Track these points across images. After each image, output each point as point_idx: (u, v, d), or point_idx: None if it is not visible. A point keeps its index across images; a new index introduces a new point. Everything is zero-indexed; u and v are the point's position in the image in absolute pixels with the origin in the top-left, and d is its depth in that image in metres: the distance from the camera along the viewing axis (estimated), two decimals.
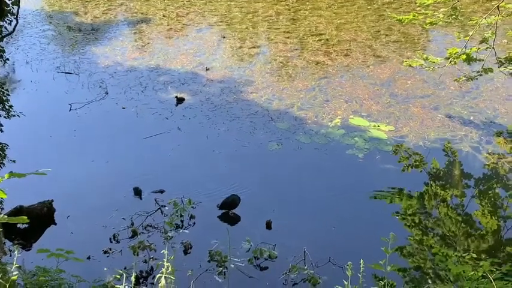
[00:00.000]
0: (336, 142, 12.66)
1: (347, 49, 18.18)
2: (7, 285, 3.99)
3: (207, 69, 16.30)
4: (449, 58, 12.70)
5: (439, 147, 12.58)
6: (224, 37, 19.48)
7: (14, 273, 4.22)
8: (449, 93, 15.13)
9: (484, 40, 12.36)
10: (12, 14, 12.82)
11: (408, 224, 10.04)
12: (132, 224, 9.62)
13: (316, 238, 9.48)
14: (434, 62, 12.99)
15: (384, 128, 13.24)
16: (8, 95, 12.15)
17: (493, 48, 12.05)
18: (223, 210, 10.11)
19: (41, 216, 9.58)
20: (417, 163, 12.00)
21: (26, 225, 9.48)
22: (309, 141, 12.72)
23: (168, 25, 21.18)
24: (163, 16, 22.30)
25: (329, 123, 13.48)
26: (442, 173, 11.80)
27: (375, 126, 13.32)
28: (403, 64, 14.99)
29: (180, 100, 14.56)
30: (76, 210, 10.02)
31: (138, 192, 10.55)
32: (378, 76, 16.18)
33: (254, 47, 18.62)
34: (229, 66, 16.95)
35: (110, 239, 9.30)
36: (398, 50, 18.20)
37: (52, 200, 9.83)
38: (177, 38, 19.78)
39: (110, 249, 9.03)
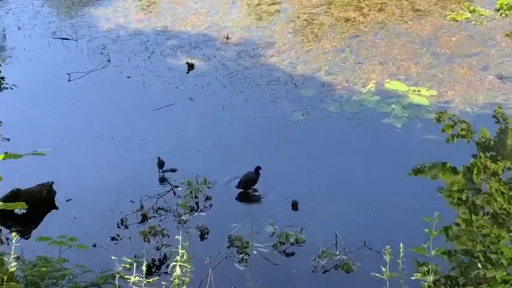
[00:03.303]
0: (370, 110, 12.57)
1: (381, 3, 17.89)
2: (5, 277, 4.06)
3: (227, 38, 15.98)
4: (499, 10, 12.44)
5: (489, 113, 12.41)
6: None
7: (12, 264, 4.30)
8: (500, 50, 14.84)
9: None
10: None
11: (454, 202, 9.98)
12: (142, 207, 9.71)
13: (349, 219, 9.49)
14: (482, 15, 12.75)
15: (425, 93, 13.08)
16: None
17: None
18: (242, 190, 10.15)
19: (41, 200, 9.72)
20: (464, 132, 11.86)
21: (24, 211, 9.62)
22: (339, 109, 12.64)
23: None
24: None
25: (362, 89, 13.36)
26: (492, 142, 11.66)
27: (414, 90, 13.16)
28: (447, 18, 14.74)
29: (191, 66, 14.52)
30: (79, 193, 10.14)
31: (161, 164, 10.57)
32: (417, 33, 15.92)
33: (274, 4, 18.42)
34: (246, 27, 16.82)
35: (118, 224, 9.41)
36: (441, 1, 17.85)
37: (52, 182, 9.95)
38: None
39: (118, 235, 9.15)
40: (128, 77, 14.30)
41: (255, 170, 10.13)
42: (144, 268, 5.32)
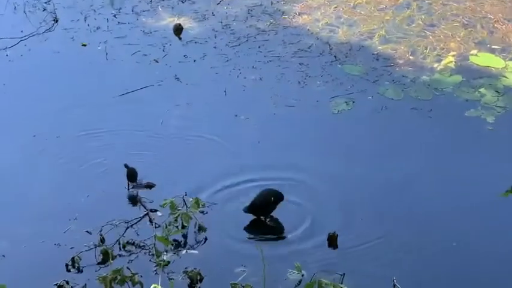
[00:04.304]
0: (448, 96, 12.62)
1: None
2: None
3: None
4: None
5: None
6: None
7: None
8: None
9: None
10: None
11: None
12: (102, 240, 9.77)
13: (414, 261, 9.50)
14: None
15: None
16: None
17: None
18: (254, 217, 10.22)
19: None
20: None
21: None
22: (401, 96, 12.69)
23: None
24: None
25: (435, 65, 13.39)
26: None
27: None
28: None
29: (178, 30, 14.56)
30: (9, 219, 10.22)
31: (131, 175, 10.66)
32: None
33: None
34: None
35: (67, 265, 9.45)
36: None
37: None
38: None
39: (67, 282, 9.16)
40: (84, 45, 14.39)
41: (273, 197, 10.13)
42: None
